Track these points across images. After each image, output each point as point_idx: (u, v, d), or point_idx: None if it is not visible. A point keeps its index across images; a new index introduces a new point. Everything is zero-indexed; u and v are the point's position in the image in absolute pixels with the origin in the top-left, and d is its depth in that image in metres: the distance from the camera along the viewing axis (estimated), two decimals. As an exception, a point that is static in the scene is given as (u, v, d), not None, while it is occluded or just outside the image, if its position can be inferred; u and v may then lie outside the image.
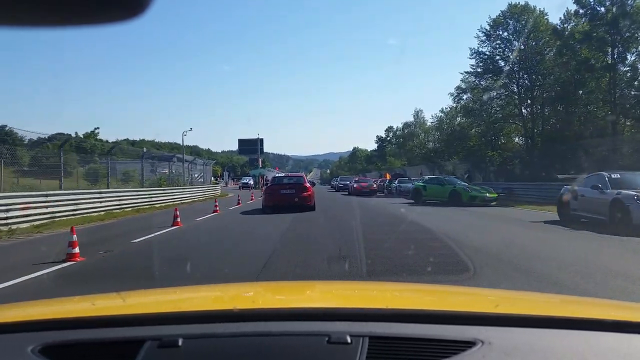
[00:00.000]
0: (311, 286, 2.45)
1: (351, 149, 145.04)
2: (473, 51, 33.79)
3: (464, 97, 38.12)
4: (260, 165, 71.89)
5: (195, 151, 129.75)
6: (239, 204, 21.53)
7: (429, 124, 57.97)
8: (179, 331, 1.11)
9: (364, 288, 2.31)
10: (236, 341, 1.11)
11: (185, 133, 42.76)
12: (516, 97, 32.67)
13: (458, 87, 38.01)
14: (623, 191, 10.24)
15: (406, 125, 66.29)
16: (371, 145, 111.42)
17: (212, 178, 64.52)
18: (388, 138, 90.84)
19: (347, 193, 33.17)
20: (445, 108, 48.54)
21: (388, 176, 38.61)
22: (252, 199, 26.01)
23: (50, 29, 0.76)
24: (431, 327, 1.13)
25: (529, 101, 32.31)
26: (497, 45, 33.01)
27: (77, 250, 7.11)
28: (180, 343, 1.07)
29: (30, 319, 1.31)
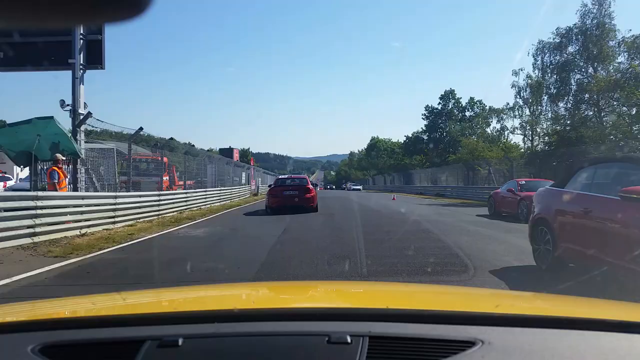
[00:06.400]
0: (311, 286, 2.45)
1: (354, 151, 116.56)
2: None
3: None
4: (251, 162, 36.54)
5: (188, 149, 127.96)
6: None
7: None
8: (179, 331, 1.11)
9: (364, 288, 2.31)
10: (236, 341, 1.11)
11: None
12: None
13: None
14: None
15: (573, 32, 25.40)
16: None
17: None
18: (447, 109, 54.61)
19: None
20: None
21: None
22: None
23: (50, 28, 0.76)
24: (431, 327, 1.13)
25: None
26: None
27: None
28: (180, 343, 1.07)
29: (30, 319, 1.30)
